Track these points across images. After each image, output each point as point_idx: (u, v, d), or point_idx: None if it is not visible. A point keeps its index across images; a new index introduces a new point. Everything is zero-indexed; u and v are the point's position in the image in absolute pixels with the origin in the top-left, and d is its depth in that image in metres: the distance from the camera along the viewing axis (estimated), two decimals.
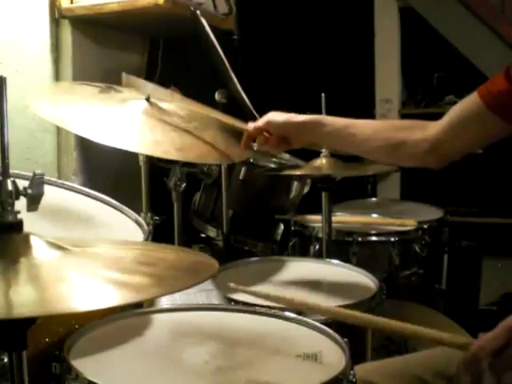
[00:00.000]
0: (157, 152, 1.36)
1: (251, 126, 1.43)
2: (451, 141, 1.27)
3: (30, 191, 0.81)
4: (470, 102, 1.25)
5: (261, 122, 1.42)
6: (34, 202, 0.81)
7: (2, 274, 0.73)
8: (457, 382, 1.22)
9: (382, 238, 2.01)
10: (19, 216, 0.80)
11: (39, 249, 0.79)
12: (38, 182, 0.81)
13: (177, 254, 0.97)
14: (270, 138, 1.42)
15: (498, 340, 1.02)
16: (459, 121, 1.26)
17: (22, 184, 0.82)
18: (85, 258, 0.82)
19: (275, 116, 1.41)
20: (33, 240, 0.80)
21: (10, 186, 0.79)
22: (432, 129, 1.29)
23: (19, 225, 0.80)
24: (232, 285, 1.30)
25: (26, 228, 0.81)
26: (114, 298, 0.73)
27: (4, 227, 0.79)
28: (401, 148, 1.32)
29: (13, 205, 0.79)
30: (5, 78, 0.77)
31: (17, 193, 0.79)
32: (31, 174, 0.83)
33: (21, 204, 0.81)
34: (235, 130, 1.50)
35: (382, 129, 1.35)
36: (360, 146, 1.37)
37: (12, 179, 0.79)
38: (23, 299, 0.69)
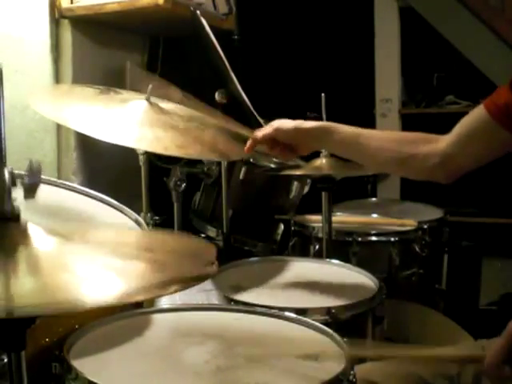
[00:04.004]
0: (157, 148, 1.36)
1: (259, 134, 1.40)
2: (460, 155, 1.26)
3: (26, 178, 0.80)
4: (476, 115, 1.24)
5: (268, 129, 1.39)
6: (30, 191, 0.80)
7: (1, 265, 0.72)
8: (458, 381, 1.23)
9: (382, 238, 2.01)
10: (16, 204, 0.79)
11: (38, 237, 0.78)
12: (34, 170, 0.81)
13: (176, 239, 0.97)
14: (275, 148, 1.40)
15: (507, 349, 1.04)
16: (467, 135, 1.25)
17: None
18: (85, 245, 0.81)
19: (283, 123, 1.38)
20: (31, 228, 0.79)
21: (6, 175, 0.78)
22: (441, 143, 1.28)
23: (17, 214, 0.79)
24: None
25: None
26: (116, 285, 0.73)
27: (1, 215, 0.78)
28: (410, 162, 1.31)
29: (9, 193, 0.78)
30: (0, 70, 0.76)
31: (13, 181, 0.78)
32: None
33: (20, 202, 0.81)
34: (241, 136, 1.49)
35: (391, 141, 1.33)
36: (368, 158, 1.36)
37: (10, 168, 0.78)
38: (23, 291, 0.68)
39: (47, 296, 0.68)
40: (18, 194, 0.80)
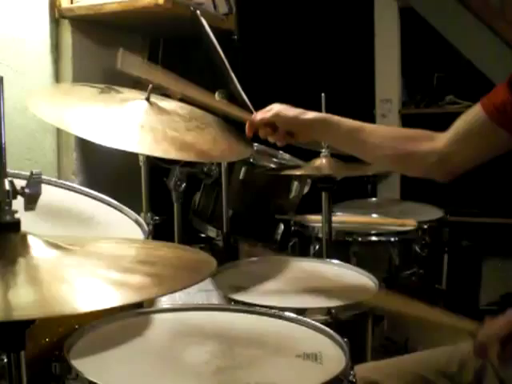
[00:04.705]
0: (157, 152, 1.36)
1: (258, 116, 1.40)
2: (457, 154, 1.26)
3: (27, 190, 0.80)
4: (473, 114, 1.24)
5: (269, 113, 1.38)
6: (31, 202, 0.81)
7: (0, 275, 0.72)
8: (458, 380, 1.23)
9: (382, 238, 2.01)
10: (17, 216, 0.79)
11: (37, 248, 0.79)
12: (35, 182, 0.81)
13: (175, 251, 0.97)
14: (274, 133, 1.39)
15: (504, 330, 1.04)
16: (464, 134, 1.25)
17: (22, 184, 0.81)
18: (84, 257, 0.82)
19: (284, 110, 1.38)
20: (30, 240, 0.79)
21: (7, 186, 0.78)
22: (439, 141, 1.28)
23: (17, 225, 0.79)
24: None
25: (26, 228, 0.81)
26: (114, 298, 0.73)
27: (1, 227, 0.78)
28: (408, 159, 1.32)
29: (10, 204, 0.78)
30: (1, 78, 0.76)
31: (14, 192, 0.79)
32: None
33: (19, 205, 0.81)
34: (239, 119, 1.47)
35: (391, 137, 1.33)
36: (367, 152, 1.36)
37: (10, 179, 0.79)
38: (22, 300, 0.69)
39: (45, 307, 0.68)
40: (18, 203, 0.80)
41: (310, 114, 1.37)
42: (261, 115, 1.40)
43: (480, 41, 3.11)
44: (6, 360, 0.75)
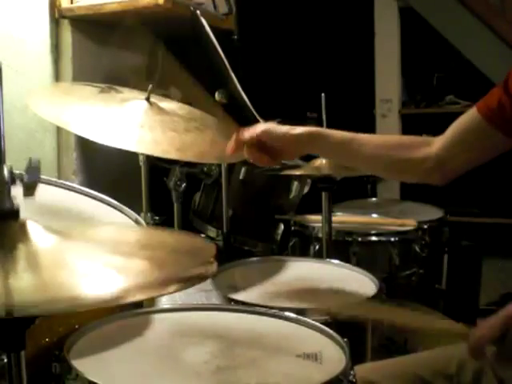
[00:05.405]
0: (156, 151, 1.36)
1: (246, 134, 1.32)
2: (454, 157, 1.26)
3: (26, 176, 0.80)
4: (469, 117, 1.24)
5: (257, 131, 1.31)
6: (30, 188, 0.80)
7: (0, 262, 0.72)
8: (457, 380, 1.23)
9: (382, 238, 2.01)
10: (15, 201, 0.79)
11: (37, 235, 0.78)
12: (33, 168, 0.80)
13: (175, 236, 0.97)
14: (260, 154, 1.31)
15: (498, 328, 1.05)
16: (460, 137, 1.25)
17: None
18: (84, 243, 0.81)
19: (273, 127, 1.32)
20: (30, 226, 0.79)
21: (5, 172, 0.77)
22: (434, 146, 1.28)
23: (16, 211, 0.78)
24: None
25: None
26: (115, 282, 0.72)
27: (1, 214, 0.77)
28: (404, 166, 1.31)
29: (9, 191, 0.78)
30: (0, 69, 0.76)
31: (12, 178, 0.78)
32: None
33: (20, 201, 0.81)
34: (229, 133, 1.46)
35: (385, 146, 1.31)
36: (362, 162, 1.35)
37: (9, 165, 0.78)
38: (23, 288, 0.68)
39: (46, 293, 0.67)
40: (17, 193, 0.80)
41: (300, 129, 1.32)
42: (249, 133, 1.32)
43: (480, 41, 3.12)
44: (5, 360, 0.75)
